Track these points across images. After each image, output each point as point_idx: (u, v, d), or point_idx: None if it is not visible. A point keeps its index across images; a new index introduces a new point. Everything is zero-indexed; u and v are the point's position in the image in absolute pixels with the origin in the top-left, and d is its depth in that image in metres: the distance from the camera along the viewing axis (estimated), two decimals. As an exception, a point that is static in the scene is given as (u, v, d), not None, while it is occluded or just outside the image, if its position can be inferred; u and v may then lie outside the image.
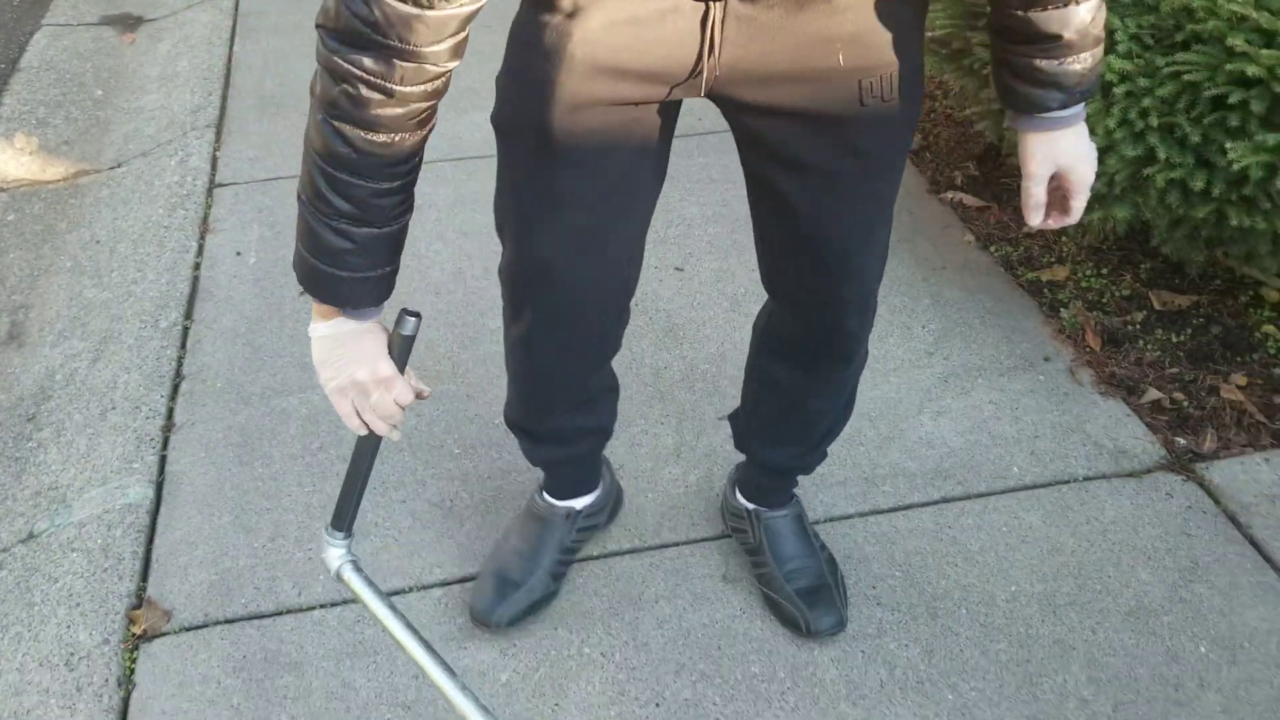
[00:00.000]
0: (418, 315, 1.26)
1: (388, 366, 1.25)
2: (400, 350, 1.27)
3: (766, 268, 1.44)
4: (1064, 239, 2.56)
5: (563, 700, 1.65)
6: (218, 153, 3.06)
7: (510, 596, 1.71)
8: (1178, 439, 2.06)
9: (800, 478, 1.78)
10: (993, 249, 2.58)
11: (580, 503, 1.76)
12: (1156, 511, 1.93)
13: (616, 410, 1.69)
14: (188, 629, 1.79)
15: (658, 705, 1.64)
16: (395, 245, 1.22)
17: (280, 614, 1.80)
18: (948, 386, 2.21)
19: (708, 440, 2.10)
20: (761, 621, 1.75)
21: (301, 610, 1.81)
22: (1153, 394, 2.14)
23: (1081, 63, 1.18)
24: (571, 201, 1.28)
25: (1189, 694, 1.64)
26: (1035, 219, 1.29)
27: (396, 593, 1.82)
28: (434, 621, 1.76)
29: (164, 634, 1.78)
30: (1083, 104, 1.23)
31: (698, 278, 2.52)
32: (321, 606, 1.81)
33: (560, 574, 1.76)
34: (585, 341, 1.44)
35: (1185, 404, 2.13)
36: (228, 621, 1.79)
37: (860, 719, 1.61)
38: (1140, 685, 1.65)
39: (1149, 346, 2.26)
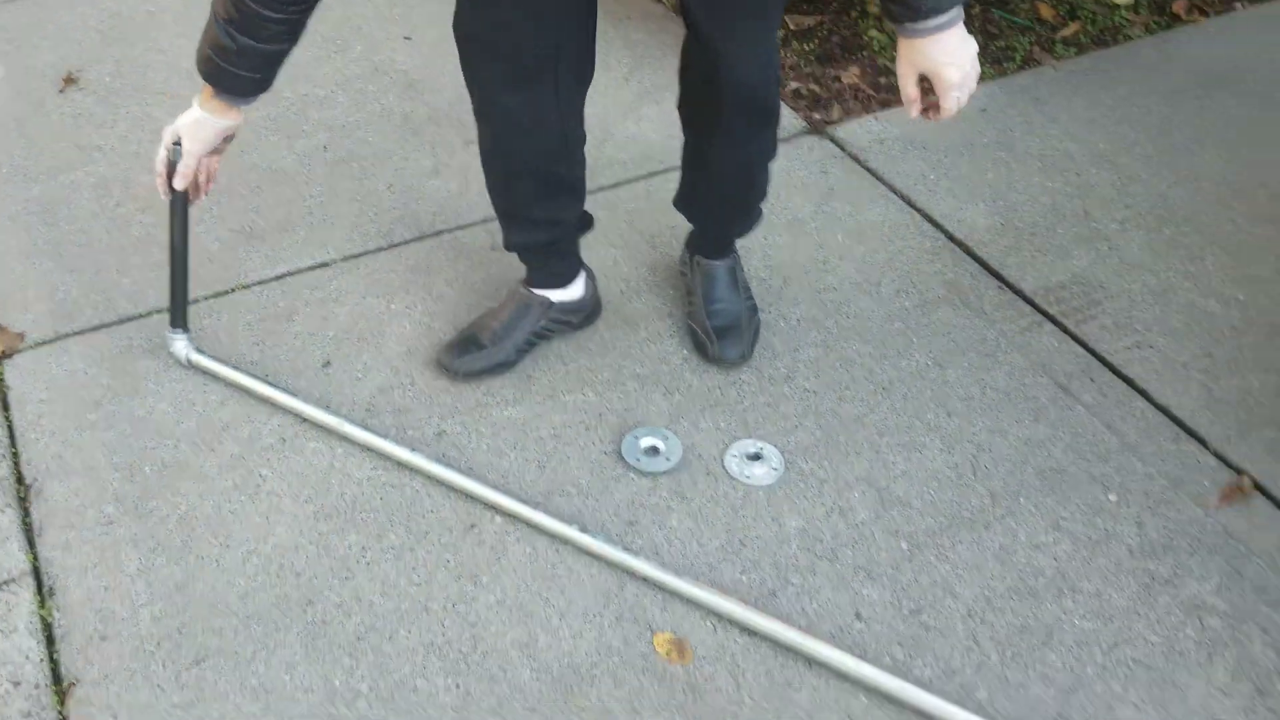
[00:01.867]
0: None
1: (201, 146, 1.73)
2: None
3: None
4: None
5: (382, 341, 2.10)
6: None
7: (473, 354, 2.02)
8: (814, 114, 2.72)
9: None
10: (665, 1, 3.14)
11: (556, 295, 2.03)
12: (804, 161, 2.57)
13: (578, 219, 1.96)
14: (43, 343, 2.08)
15: (455, 329, 2.11)
16: (268, 60, 1.61)
17: (123, 321, 2.13)
18: (643, 100, 2.76)
19: (460, 159, 2.55)
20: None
21: (141, 316, 2.14)
22: (794, 86, 2.79)
23: None
24: None
25: (832, 266, 2.29)
26: (911, 112, 1.50)
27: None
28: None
29: (22, 350, 2.07)
30: (945, 16, 1.39)
31: (425, 43, 2.93)
32: (158, 311, 2.14)
33: (525, 350, 2.05)
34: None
35: (817, 90, 2.79)
36: (78, 333, 2.10)
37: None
38: (798, 264, 2.29)
39: (788, 55, 2.91)
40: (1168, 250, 2.31)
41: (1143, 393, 2.00)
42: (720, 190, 1.96)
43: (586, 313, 2.08)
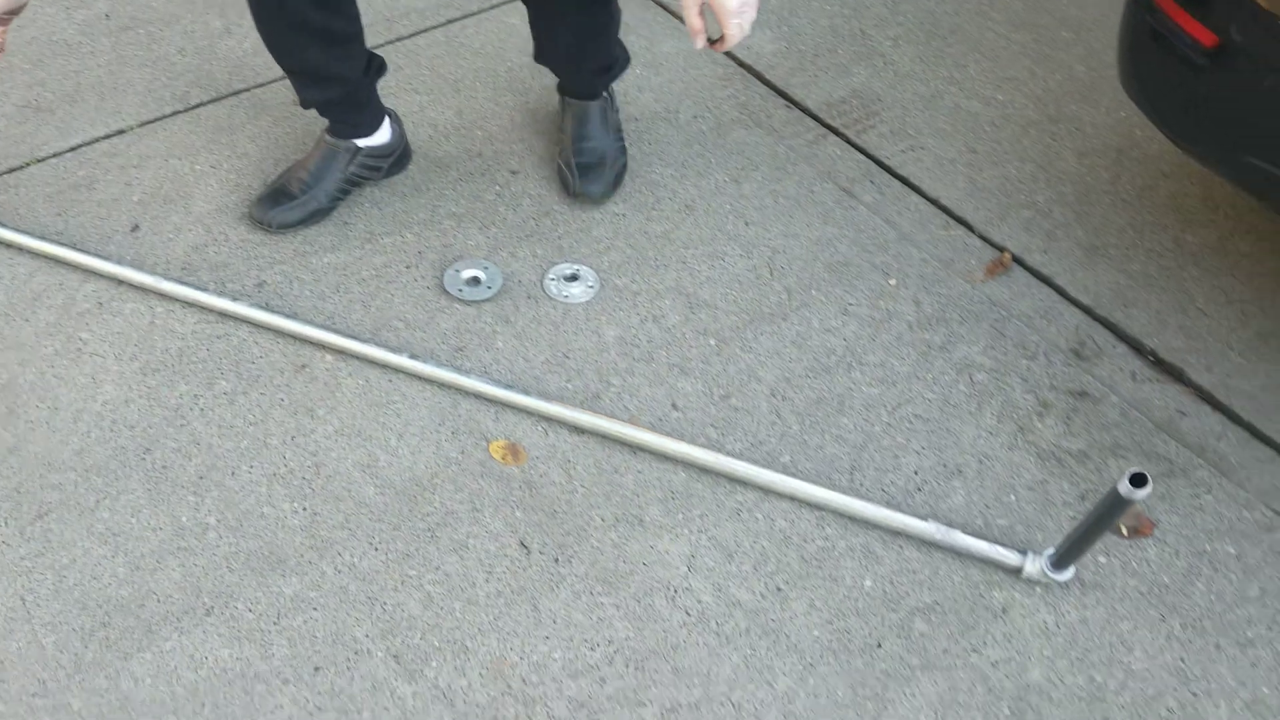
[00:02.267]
0: None
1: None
2: None
3: None
4: None
5: (190, 201, 2.09)
6: None
7: (285, 205, 2.01)
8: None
9: None
10: None
11: (363, 142, 2.04)
12: None
13: (365, 67, 1.95)
14: None
15: (264, 184, 2.11)
16: None
17: (-91, 204, 2.05)
18: (435, -50, 2.74)
19: (249, 19, 2.50)
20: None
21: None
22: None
23: None
24: None
25: (632, 98, 2.38)
26: (697, 43, 1.57)
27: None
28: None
29: None
30: None
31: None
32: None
33: (339, 198, 2.06)
34: None
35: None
36: None
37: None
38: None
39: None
40: (935, 60, 2.50)
41: (916, 189, 2.19)
42: (566, 43, 2.02)
43: (396, 157, 2.12)
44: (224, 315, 1.88)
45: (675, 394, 1.83)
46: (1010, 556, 1.59)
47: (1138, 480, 1.35)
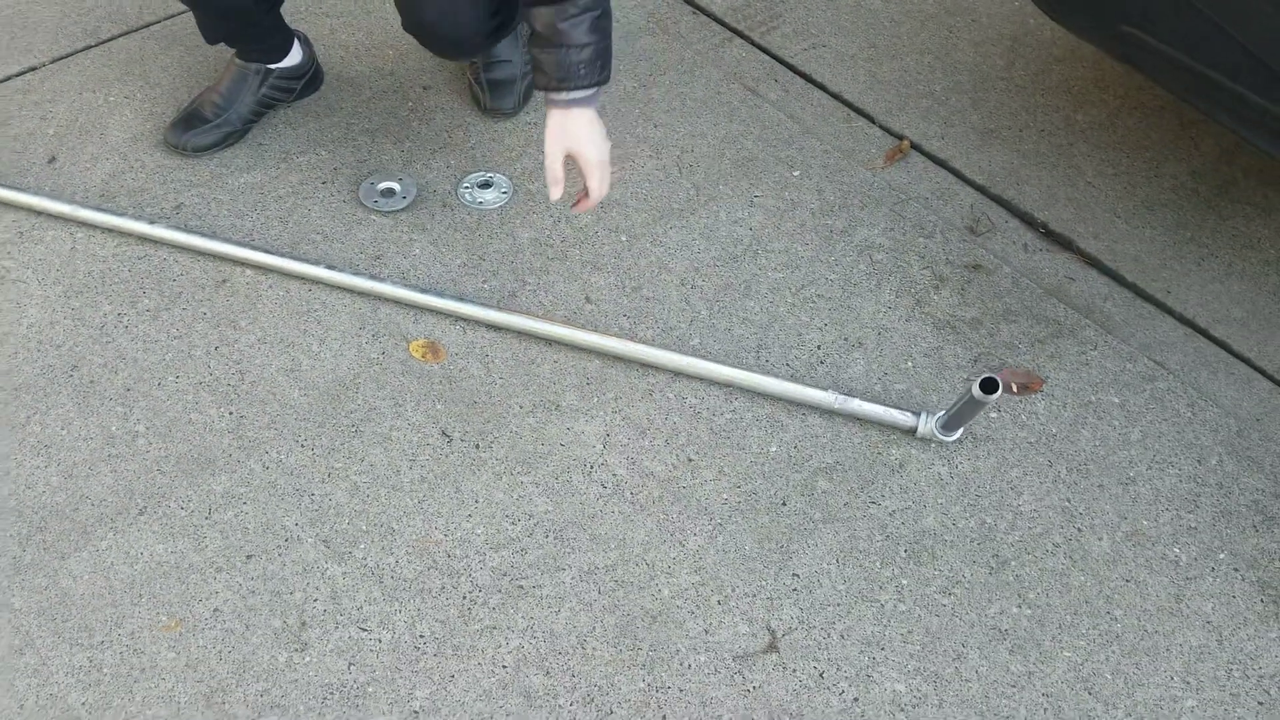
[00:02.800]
0: None
1: None
2: None
3: None
4: None
5: (105, 132, 2.12)
6: None
7: (199, 129, 2.04)
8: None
9: None
10: None
11: (273, 65, 2.06)
12: (506, -79, 2.65)
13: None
14: None
15: (178, 111, 2.14)
16: None
17: None
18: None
19: (157, -47, 2.51)
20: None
21: None
22: None
23: (550, 55, 1.54)
24: None
25: None
26: (554, 193, 1.62)
27: None
28: None
29: None
30: (584, 92, 1.57)
31: None
32: None
33: (252, 120, 2.09)
34: None
35: None
36: None
37: (331, 79, 2.25)
38: (511, 15, 2.41)
39: None
40: (837, -38, 2.56)
41: (819, 85, 2.26)
42: None
43: (307, 78, 2.15)
44: (144, 238, 1.92)
45: (589, 288, 1.89)
46: (905, 418, 1.68)
47: (987, 386, 1.49)
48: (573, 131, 1.60)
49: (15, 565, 1.53)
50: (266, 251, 1.90)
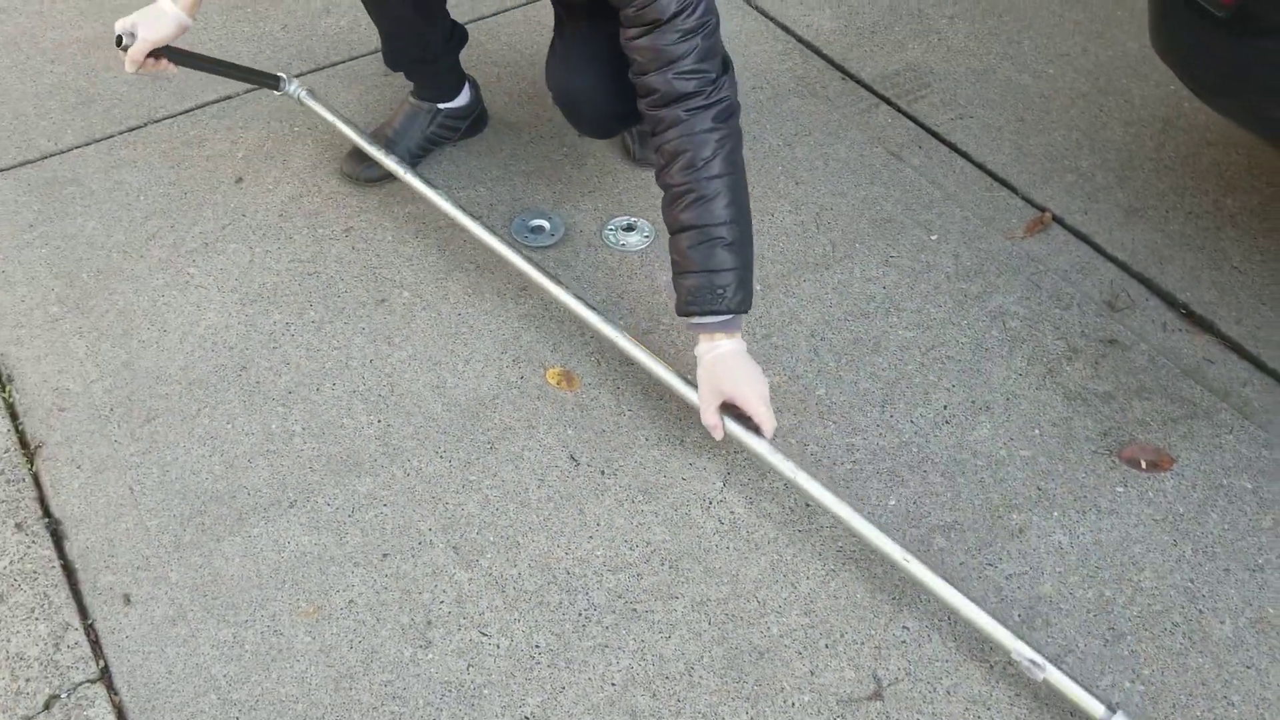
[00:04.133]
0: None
1: (156, 34, 1.87)
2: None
3: None
4: None
5: (288, 158, 2.30)
6: None
7: (372, 161, 2.15)
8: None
9: None
10: None
11: (443, 105, 2.24)
12: (668, -15, 2.78)
13: (448, 33, 2.12)
14: (-30, 180, 2.25)
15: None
16: None
17: (45, 157, 2.30)
18: (518, -62, 2.94)
19: (345, 3, 2.72)
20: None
21: (61, 152, 2.31)
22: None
23: (691, 280, 1.61)
24: None
25: None
26: (716, 436, 1.66)
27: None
28: (173, 134, 2.34)
29: (-49, 187, 2.24)
30: (717, 318, 1.63)
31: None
32: (77, 147, 2.32)
33: (420, 155, 2.25)
34: None
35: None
36: (4, 170, 2.27)
37: (495, 122, 2.40)
38: None
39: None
40: (989, 37, 2.60)
41: (964, 154, 2.30)
42: None
43: (473, 119, 2.30)
44: (314, 257, 2.08)
45: (721, 333, 1.96)
46: (1095, 708, 1.40)
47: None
48: (721, 374, 1.64)
49: (176, 543, 1.66)
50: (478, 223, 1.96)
